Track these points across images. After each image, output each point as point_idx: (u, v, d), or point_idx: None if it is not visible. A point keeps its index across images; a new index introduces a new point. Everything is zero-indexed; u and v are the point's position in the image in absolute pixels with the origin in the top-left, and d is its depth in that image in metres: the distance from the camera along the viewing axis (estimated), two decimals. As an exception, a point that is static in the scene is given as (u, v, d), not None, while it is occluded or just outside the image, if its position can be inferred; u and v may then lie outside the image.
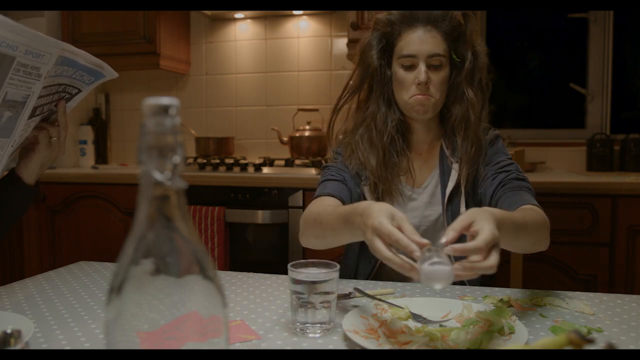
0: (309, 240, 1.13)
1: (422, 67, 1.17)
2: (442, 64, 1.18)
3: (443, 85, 1.19)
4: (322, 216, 1.05)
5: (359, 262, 1.26)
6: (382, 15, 1.23)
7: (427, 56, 1.17)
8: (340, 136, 1.31)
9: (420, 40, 1.17)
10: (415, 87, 1.18)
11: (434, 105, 1.20)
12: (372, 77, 1.23)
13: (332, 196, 1.17)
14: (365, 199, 1.21)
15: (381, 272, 1.23)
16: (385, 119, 1.22)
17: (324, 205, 1.12)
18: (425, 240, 0.73)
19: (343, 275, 1.29)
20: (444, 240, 0.73)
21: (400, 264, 0.74)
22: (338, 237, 1.02)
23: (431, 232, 1.21)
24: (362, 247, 1.24)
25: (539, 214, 1.06)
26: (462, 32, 1.19)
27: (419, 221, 1.22)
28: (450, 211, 1.21)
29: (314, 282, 0.80)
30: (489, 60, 1.22)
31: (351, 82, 1.28)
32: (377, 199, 1.20)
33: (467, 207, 1.20)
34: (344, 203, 1.16)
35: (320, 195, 1.18)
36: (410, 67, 1.18)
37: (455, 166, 1.21)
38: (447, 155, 1.24)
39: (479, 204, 1.21)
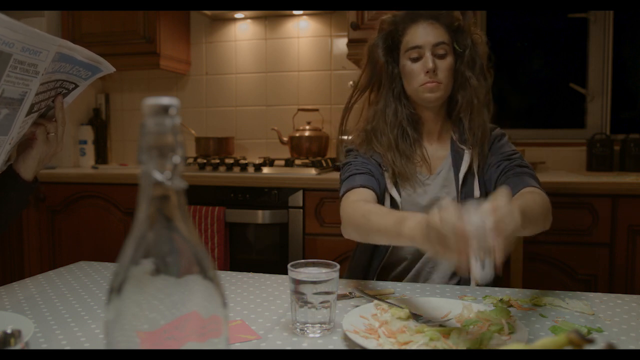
0: (351, 235, 1.16)
1: (428, 56, 1.24)
2: (447, 52, 1.26)
3: (449, 72, 1.26)
4: (371, 215, 1.07)
5: (374, 254, 1.31)
6: (386, 16, 1.31)
7: (433, 45, 1.25)
8: (346, 137, 1.37)
9: (424, 32, 1.25)
10: (424, 76, 1.25)
11: (443, 90, 1.26)
12: (381, 74, 1.31)
13: (365, 187, 1.21)
14: (387, 187, 1.28)
15: (390, 261, 1.30)
16: (395, 112, 1.29)
17: (368, 204, 1.14)
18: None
19: (357, 263, 1.34)
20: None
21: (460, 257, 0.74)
22: (387, 239, 1.03)
23: None
24: None
25: (540, 197, 1.10)
26: (461, 24, 1.28)
27: (432, 202, 1.28)
28: (464, 193, 1.27)
29: (314, 282, 0.80)
30: (489, 50, 1.31)
31: (360, 81, 1.35)
32: (395, 185, 1.28)
33: (481, 190, 1.27)
34: (376, 194, 1.22)
35: (352, 188, 1.21)
36: (418, 59, 1.26)
37: (467, 152, 1.28)
38: (457, 142, 1.30)
39: (485, 190, 1.29)
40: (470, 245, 0.73)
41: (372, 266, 1.31)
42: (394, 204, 1.28)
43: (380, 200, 1.25)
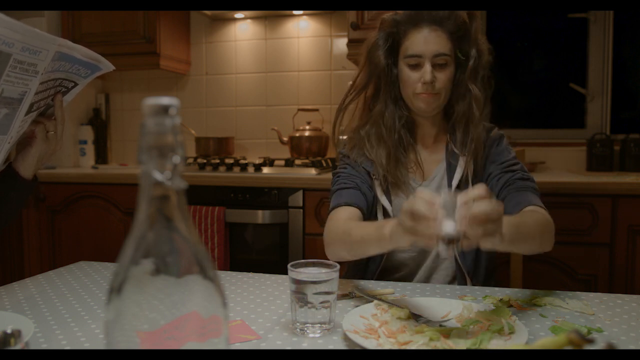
0: (337, 253, 1.14)
1: (427, 67, 1.18)
2: (448, 63, 1.20)
3: (448, 84, 1.21)
4: (352, 230, 1.07)
5: (368, 264, 1.28)
6: (388, 15, 1.25)
7: (433, 56, 1.18)
8: (344, 137, 1.33)
9: (425, 40, 1.19)
10: (421, 86, 1.20)
11: (439, 102, 1.22)
12: (379, 76, 1.25)
13: (350, 205, 1.19)
14: (377, 195, 1.25)
15: (387, 264, 1.27)
16: (393, 116, 1.25)
17: (350, 221, 1.13)
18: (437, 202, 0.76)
19: (354, 269, 1.32)
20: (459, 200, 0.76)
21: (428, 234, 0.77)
22: (370, 248, 1.02)
23: None
24: None
25: (542, 215, 1.07)
26: (467, 30, 1.21)
27: None
28: None
29: (314, 282, 0.80)
30: (492, 59, 1.25)
31: (357, 81, 1.29)
32: (386, 192, 1.24)
33: None
34: (362, 211, 1.19)
35: (338, 206, 1.20)
36: (416, 66, 1.20)
37: (462, 159, 1.24)
38: (452, 149, 1.26)
39: None
40: (438, 218, 0.75)
41: (368, 272, 1.28)
42: (385, 213, 1.24)
43: (368, 214, 1.22)
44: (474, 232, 0.76)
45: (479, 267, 1.24)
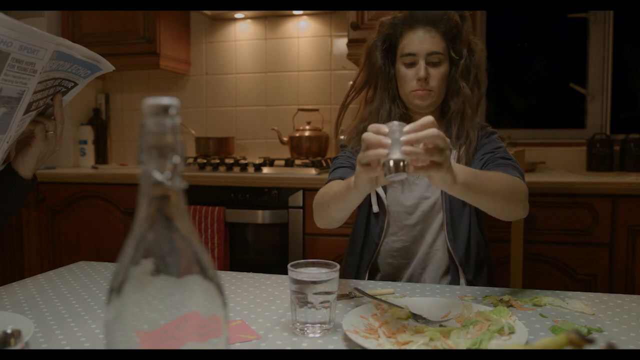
0: (320, 217, 1.21)
1: (421, 64, 1.26)
2: (441, 61, 1.28)
3: (442, 81, 1.28)
4: (331, 188, 1.16)
5: (363, 252, 1.33)
6: (386, 18, 1.33)
7: (427, 54, 1.26)
8: (342, 137, 1.40)
9: (420, 40, 1.27)
10: (415, 83, 1.27)
11: (433, 98, 1.29)
12: (377, 75, 1.34)
13: (342, 179, 1.25)
14: None
15: (381, 255, 1.33)
16: (388, 113, 1.32)
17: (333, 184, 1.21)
18: (384, 129, 0.84)
19: (349, 264, 1.37)
20: (405, 128, 0.83)
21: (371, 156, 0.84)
22: (342, 200, 1.07)
23: (429, 212, 1.30)
24: (365, 236, 1.34)
25: (511, 178, 1.12)
26: (459, 31, 1.28)
27: (418, 201, 1.31)
28: (448, 195, 1.27)
29: (314, 282, 0.80)
30: (487, 60, 1.32)
31: (357, 80, 1.37)
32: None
33: None
34: None
35: (331, 180, 1.28)
36: (412, 65, 1.28)
37: (454, 152, 1.30)
38: None
39: None
40: (384, 140, 0.82)
41: (362, 262, 1.32)
42: (380, 202, 1.30)
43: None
44: (420, 157, 0.82)
45: (470, 258, 1.28)
